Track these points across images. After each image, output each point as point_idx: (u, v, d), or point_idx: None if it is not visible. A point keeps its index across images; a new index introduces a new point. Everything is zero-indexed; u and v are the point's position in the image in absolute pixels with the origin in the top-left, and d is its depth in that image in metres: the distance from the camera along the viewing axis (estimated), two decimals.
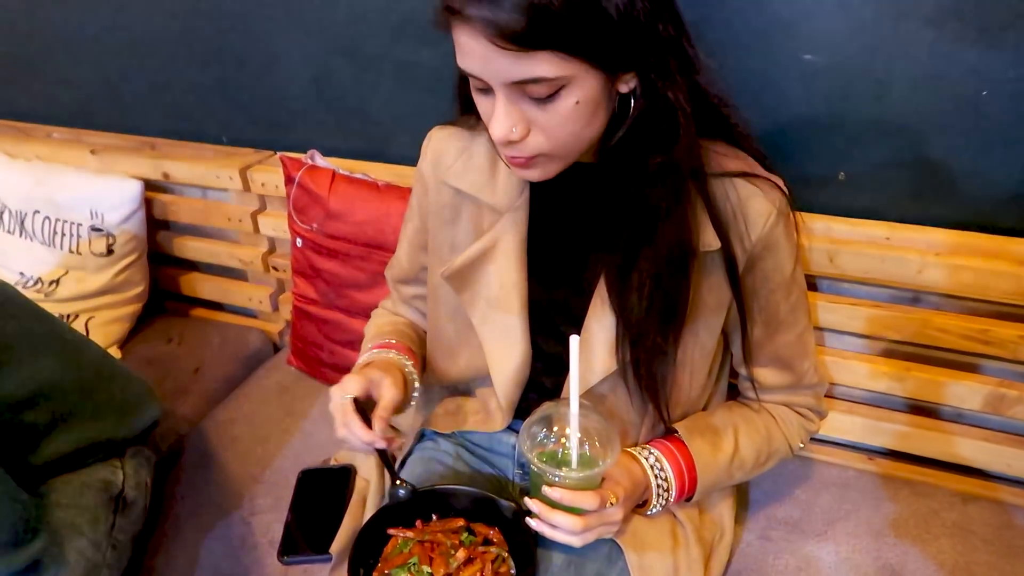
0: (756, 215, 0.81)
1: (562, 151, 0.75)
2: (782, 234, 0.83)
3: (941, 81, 1.03)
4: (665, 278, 0.80)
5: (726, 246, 0.81)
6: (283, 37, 1.43)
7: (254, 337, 1.65)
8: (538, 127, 0.72)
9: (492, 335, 0.92)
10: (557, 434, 0.84)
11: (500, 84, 0.69)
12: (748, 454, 0.93)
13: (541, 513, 0.81)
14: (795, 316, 0.90)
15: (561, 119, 0.71)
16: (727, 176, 0.81)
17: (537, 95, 0.69)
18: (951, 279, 1.06)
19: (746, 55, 1.09)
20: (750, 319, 0.88)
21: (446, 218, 0.94)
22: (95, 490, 1.06)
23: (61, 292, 1.60)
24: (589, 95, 0.70)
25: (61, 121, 1.78)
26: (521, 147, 0.74)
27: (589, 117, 0.72)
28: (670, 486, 0.89)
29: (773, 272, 0.85)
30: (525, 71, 0.67)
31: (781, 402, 0.97)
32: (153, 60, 1.59)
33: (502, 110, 0.71)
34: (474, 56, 0.68)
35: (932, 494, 1.16)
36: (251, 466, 1.28)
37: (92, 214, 1.57)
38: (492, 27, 0.64)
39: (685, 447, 0.90)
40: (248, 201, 1.55)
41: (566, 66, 0.67)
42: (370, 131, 1.46)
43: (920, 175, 1.10)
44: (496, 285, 0.90)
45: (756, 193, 0.81)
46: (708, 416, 0.95)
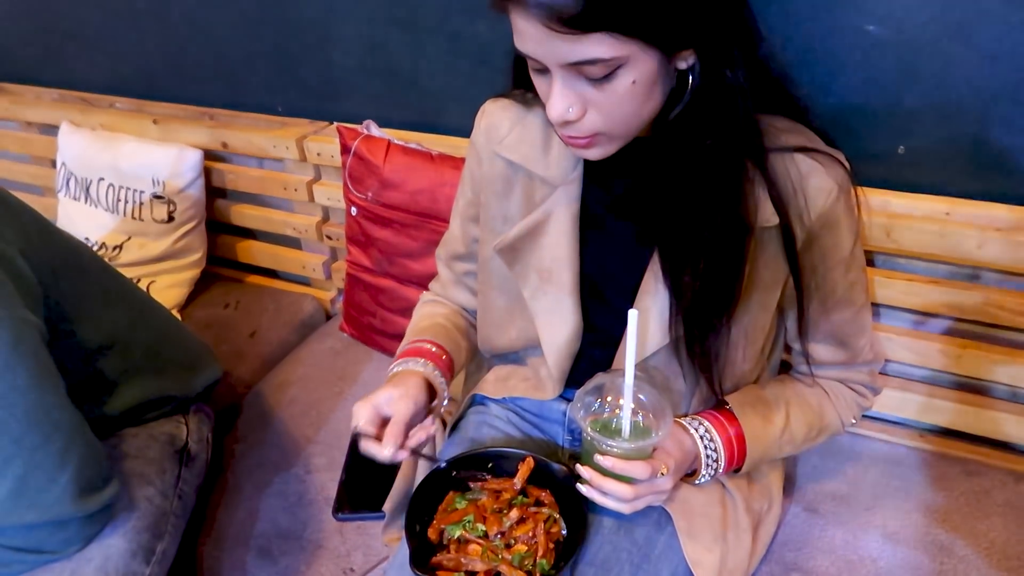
0: (816, 191, 0.80)
1: (620, 130, 0.75)
2: (843, 211, 0.82)
3: (1008, 57, 1.00)
4: (719, 255, 0.80)
5: (785, 222, 0.80)
6: (338, 9, 1.45)
7: (307, 304, 1.69)
8: (595, 107, 0.72)
9: (543, 308, 0.93)
10: (611, 404, 0.85)
11: (556, 65, 0.70)
12: (799, 428, 0.93)
13: (593, 480, 0.82)
14: (853, 293, 0.89)
15: (618, 99, 0.71)
16: (787, 151, 0.80)
17: (593, 76, 0.69)
18: (1012, 255, 1.04)
19: (809, 25, 1.08)
20: (807, 296, 0.87)
21: (498, 190, 0.94)
22: (161, 443, 1.11)
23: (124, 257, 1.66)
24: (646, 74, 0.70)
25: (124, 92, 1.83)
26: (578, 127, 0.74)
27: (646, 96, 0.72)
28: (719, 457, 0.89)
29: (833, 249, 0.84)
30: (581, 53, 0.67)
31: (835, 378, 0.97)
32: (212, 33, 1.62)
33: (559, 91, 0.71)
34: (530, 38, 0.69)
35: (984, 473, 1.15)
36: (306, 427, 1.32)
37: (154, 182, 1.62)
38: (547, 10, 0.64)
39: (735, 419, 0.90)
40: (303, 171, 1.58)
41: (622, 47, 0.66)
42: (424, 102, 1.48)
43: (982, 151, 1.08)
44: (548, 258, 0.91)
45: (817, 168, 0.80)
46: (760, 389, 0.95)
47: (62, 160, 1.75)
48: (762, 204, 0.79)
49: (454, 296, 1.11)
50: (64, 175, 1.75)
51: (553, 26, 0.65)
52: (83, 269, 1.05)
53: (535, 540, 0.87)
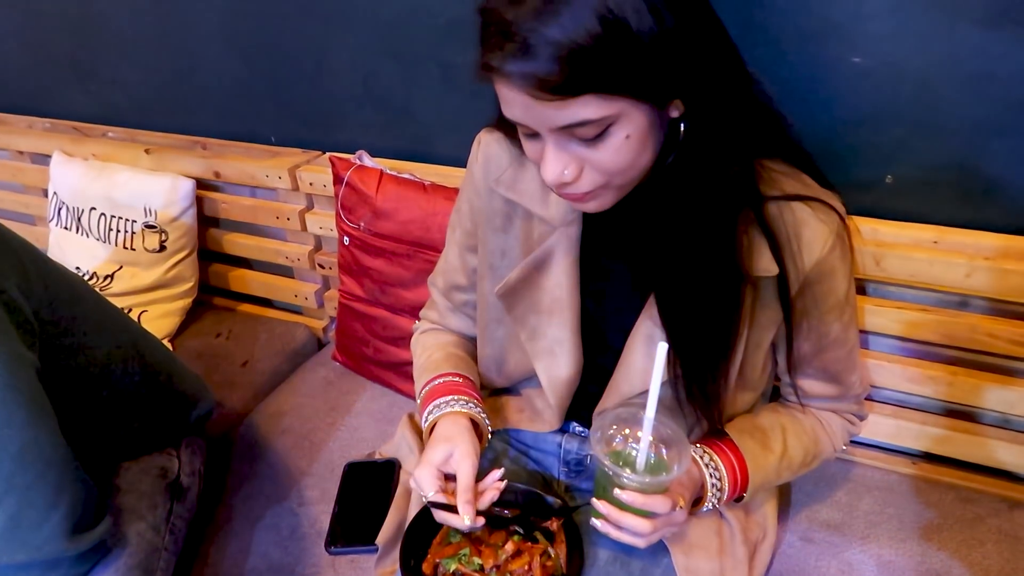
0: (811, 240, 0.80)
1: (618, 181, 0.74)
2: (838, 258, 0.82)
3: (991, 84, 1.02)
4: (714, 303, 0.79)
5: (783, 272, 0.80)
6: (331, 39, 1.46)
7: (300, 333, 1.69)
8: (591, 165, 0.71)
9: (542, 348, 0.92)
10: (628, 436, 0.84)
11: (547, 130, 0.69)
12: (796, 454, 0.94)
13: (610, 515, 0.81)
14: (846, 335, 0.89)
15: (613, 154, 0.70)
16: (784, 199, 0.80)
17: (586, 136, 0.68)
18: (1000, 284, 1.05)
19: (795, 57, 1.10)
20: (799, 337, 0.87)
21: (497, 225, 0.94)
22: (153, 476, 1.10)
23: (115, 287, 1.66)
24: (639, 128, 0.69)
25: (117, 121, 1.84)
26: (576, 186, 0.73)
27: (641, 148, 0.71)
28: (724, 486, 0.89)
29: (827, 295, 0.84)
30: (570, 116, 0.66)
31: (826, 408, 0.98)
32: (205, 62, 1.63)
33: (552, 155, 0.70)
34: (517, 106, 0.68)
35: (977, 500, 1.15)
36: (299, 458, 1.31)
37: (146, 211, 1.62)
38: (530, 80, 0.63)
39: (736, 447, 0.90)
40: (296, 200, 1.59)
41: (611, 105, 0.66)
42: (416, 132, 1.49)
43: (968, 179, 1.10)
44: (548, 299, 0.90)
45: (812, 217, 0.80)
46: (755, 417, 0.96)
47: (54, 190, 1.75)
48: (760, 253, 0.79)
49: (453, 324, 1.10)
50: (56, 204, 1.75)
51: (538, 94, 0.64)
52: (78, 302, 1.04)
53: (531, 573, 0.87)
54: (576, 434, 1.01)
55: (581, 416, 0.96)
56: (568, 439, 1.02)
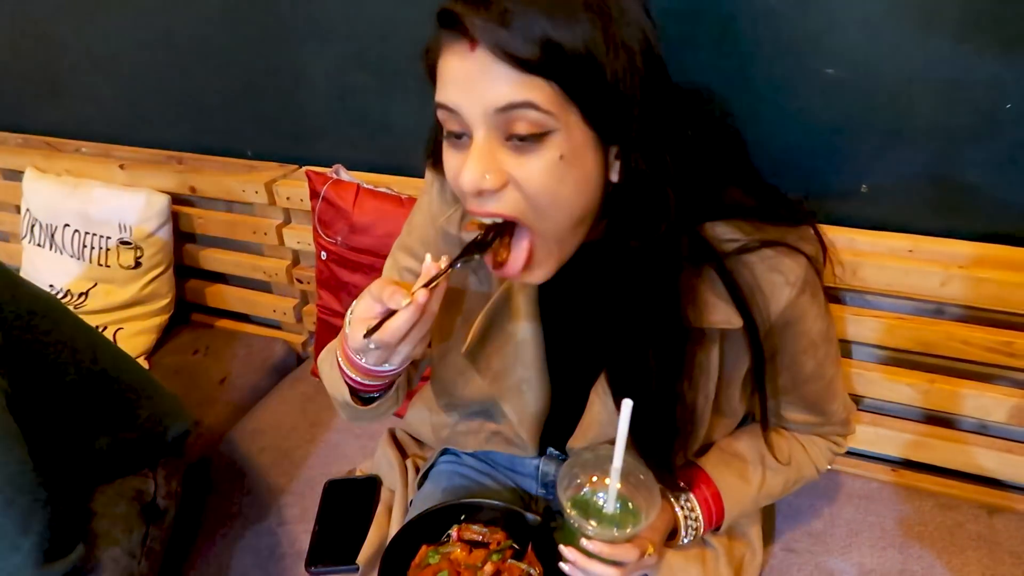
0: (776, 289, 0.76)
1: (547, 224, 0.68)
2: (806, 301, 0.78)
3: (963, 93, 1.03)
4: (663, 358, 0.77)
5: (748, 323, 0.77)
6: (308, 53, 1.45)
7: (278, 348, 1.68)
8: (514, 182, 0.65)
9: (509, 388, 0.89)
10: (597, 483, 0.82)
11: (482, 115, 0.63)
12: (775, 482, 0.92)
13: (577, 562, 0.79)
14: (822, 370, 0.86)
15: (542, 173, 0.64)
16: (746, 251, 0.76)
17: (520, 132, 0.62)
18: (974, 292, 1.06)
19: (769, 69, 1.10)
20: (778, 374, 0.85)
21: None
22: (128, 499, 1.08)
23: (90, 304, 1.64)
24: (575, 152, 0.65)
25: (90, 136, 1.81)
26: (494, 204, 0.66)
27: (572, 181, 0.66)
28: (699, 519, 0.88)
29: (798, 337, 0.82)
30: (517, 93, 0.61)
31: (810, 433, 0.96)
32: (179, 76, 1.61)
33: (476, 153, 0.64)
34: (459, 82, 0.63)
35: (957, 506, 1.16)
36: (278, 476, 1.30)
37: (121, 227, 1.60)
38: (496, 37, 0.60)
39: (711, 481, 0.89)
40: (273, 214, 1.58)
41: (560, 106, 0.62)
42: (394, 145, 1.48)
43: (942, 187, 1.10)
44: (512, 342, 0.87)
45: (776, 267, 0.76)
46: (734, 442, 0.94)
47: (27, 206, 1.72)
48: (716, 307, 0.76)
49: None
50: (28, 221, 1.72)
51: (500, 55, 0.60)
52: (52, 323, 1.03)
53: None
54: (554, 456, 1.00)
55: (557, 443, 0.95)
56: (546, 461, 1.00)
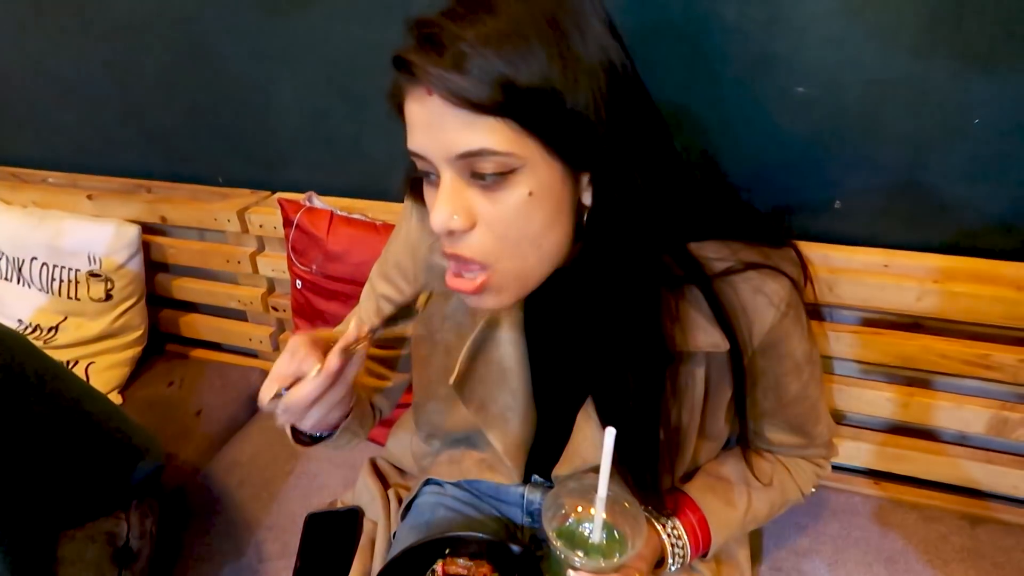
0: (760, 311, 0.77)
1: (511, 264, 0.67)
2: (790, 323, 0.78)
3: (929, 109, 1.04)
4: (648, 382, 0.77)
5: (733, 347, 0.77)
6: (277, 79, 1.44)
7: (255, 377, 1.65)
8: (484, 222, 0.64)
9: (493, 416, 0.88)
10: (582, 512, 0.80)
11: (445, 160, 0.63)
12: (761, 506, 0.92)
13: None
14: (806, 392, 0.86)
15: (510, 212, 0.63)
16: (729, 273, 0.76)
17: (484, 172, 0.62)
18: (949, 305, 1.06)
19: (740, 89, 1.11)
20: (763, 396, 0.85)
21: (436, 289, 0.87)
22: (100, 544, 1.06)
23: (60, 338, 1.60)
24: (545, 188, 0.64)
25: (56, 166, 1.78)
26: (467, 244, 0.66)
27: (544, 218, 0.65)
28: (685, 546, 0.87)
29: (783, 358, 0.82)
30: (471, 140, 0.60)
31: (794, 455, 0.96)
32: (147, 103, 1.59)
33: (444, 194, 0.63)
34: (423, 126, 0.63)
35: (940, 518, 1.16)
36: (257, 511, 1.27)
37: (90, 259, 1.57)
38: (443, 82, 0.59)
39: (697, 507, 0.88)
40: (246, 242, 1.55)
41: (519, 143, 0.61)
42: (366, 169, 1.47)
43: (913, 201, 1.11)
44: (496, 370, 0.87)
45: (760, 290, 0.76)
46: (719, 466, 0.93)
47: None
48: (701, 328, 0.76)
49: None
50: None
51: (452, 100, 0.59)
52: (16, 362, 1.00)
53: None
54: (539, 484, 0.99)
55: (542, 470, 0.94)
56: (531, 489, 0.99)
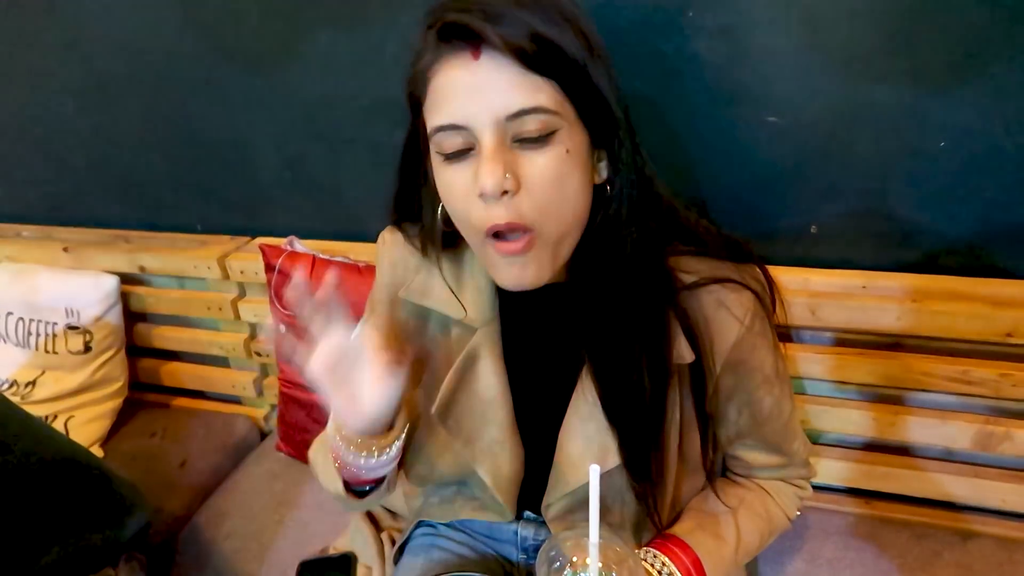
0: (726, 324, 0.78)
1: (553, 225, 0.70)
2: (757, 335, 0.80)
3: (896, 135, 1.07)
4: (640, 391, 0.77)
5: (699, 359, 0.78)
6: (253, 124, 1.44)
7: (240, 424, 1.63)
8: (526, 185, 0.68)
9: (481, 451, 0.88)
10: (577, 563, 0.78)
11: (492, 122, 0.66)
12: (751, 538, 0.91)
13: None
14: (780, 408, 0.87)
15: (552, 171, 0.68)
16: (695, 286, 0.78)
17: (531, 134, 0.66)
18: (928, 323, 1.08)
19: (714, 119, 1.13)
20: (737, 415, 0.86)
21: (411, 330, 0.90)
22: None
23: (38, 393, 1.57)
24: (577, 150, 0.69)
25: (29, 219, 1.76)
26: (512, 210, 0.68)
27: (578, 180, 0.70)
28: None
29: (753, 372, 0.83)
30: (527, 99, 0.65)
31: (774, 478, 0.96)
32: (122, 154, 1.59)
33: (491, 157, 0.66)
34: (468, 92, 0.66)
35: (932, 535, 1.17)
36: (248, 562, 1.25)
37: (68, 312, 1.55)
38: (502, 43, 0.63)
39: (688, 547, 0.87)
40: (227, 288, 1.55)
41: (561, 104, 0.67)
42: (346, 212, 1.48)
43: (885, 224, 1.14)
44: (480, 403, 0.87)
45: (725, 299, 0.78)
46: (703, 501, 0.93)
47: None
48: (677, 341, 0.78)
49: None
50: None
51: (509, 57, 0.64)
52: None
53: None
54: (531, 520, 0.99)
55: (533, 505, 0.93)
56: (523, 526, 0.99)
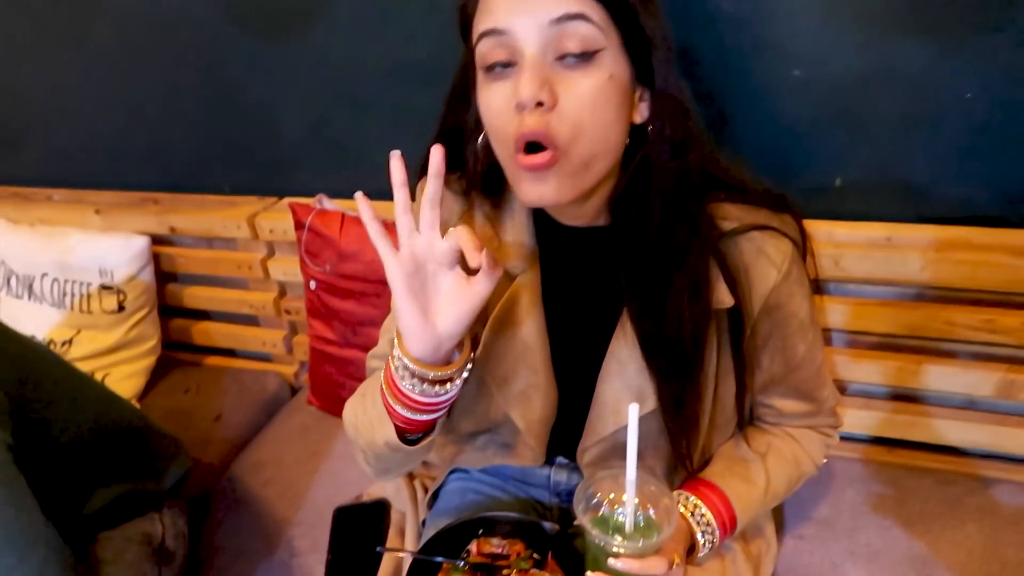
0: (764, 270, 0.79)
1: (582, 148, 0.70)
2: (794, 282, 0.81)
3: (921, 87, 1.08)
4: (680, 334, 0.78)
5: (736, 304, 0.79)
6: (279, 88, 1.46)
7: (270, 380, 1.67)
8: (563, 104, 0.68)
9: (516, 394, 0.89)
10: (613, 500, 0.81)
11: (536, 29, 0.67)
12: (779, 482, 0.93)
13: None
14: (812, 354, 0.88)
15: (590, 94, 0.68)
16: (735, 233, 0.79)
17: (572, 50, 0.67)
18: (952, 274, 1.10)
19: (738, 74, 1.14)
20: (770, 361, 0.87)
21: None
22: (137, 544, 1.07)
23: (75, 352, 1.61)
24: (620, 78, 0.70)
25: (60, 183, 1.79)
26: (544, 122, 0.68)
27: (615, 109, 0.71)
28: (714, 530, 0.88)
29: (789, 319, 0.84)
30: (572, 5, 0.66)
31: (802, 426, 0.97)
32: (149, 116, 1.61)
33: (532, 68, 0.67)
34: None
35: (954, 481, 1.20)
36: (284, 509, 1.29)
37: (101, 272, 1.59)
38: None
39: (719, 489, 0.89)
40: (256, 248, 1.58)
41: (608, 27, 0.68)
42: (372, 172, 1.47)
43: (910, 175, 1.15)
44: (518, 347, 0.87)
45: (764, 246, 0.79)
46: (733, 448, 0.95)
47: (1, 258, 1.70)
48: (717, 286, 0.79)
49: None
50: (4, 273, 1.70)
51: None
52: (47, 372, 1.02)
53: None
54: (564, 465, 1.01)
55: (566, 451, 0.95)
56: (556, 471, 1.01)
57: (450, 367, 0.75)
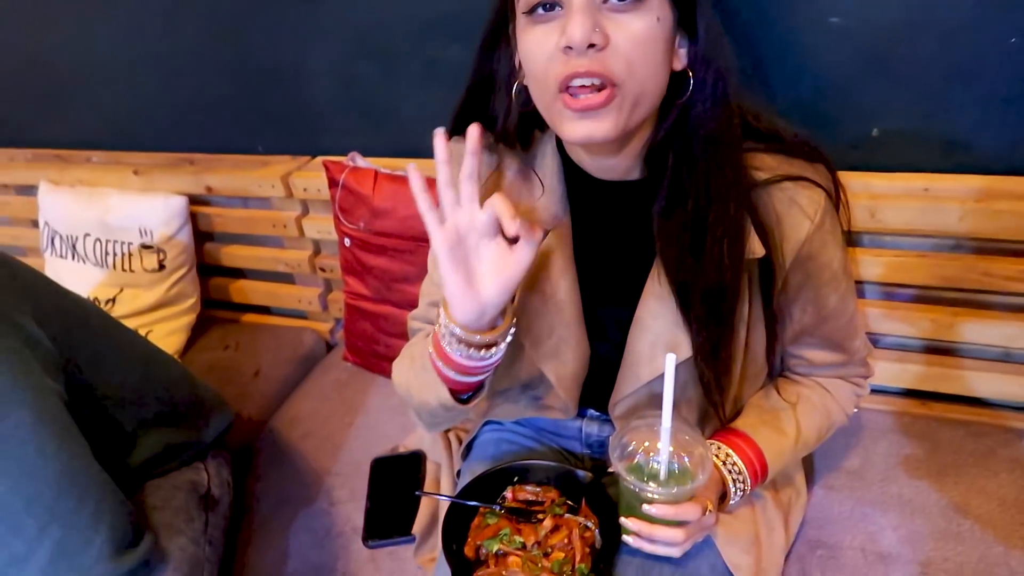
0: (798, 220, 0.80)
1: (635, 84, 0.70)
2: (827, 232, 0.82)
3: (963, 34, 1.05)
4: (713, 283, 0.79)
5: (768, 255, 0.79)
6: (309, 45, 1.46)
7: (307, 337, 1.71)
8: (613, 44, 0.68)
9: (548, 350, 0.90)
10: (648, 448, 0.83)
11: None
12: (810, 432, 0.94)
13: (641, 531, 0.81)
14: (844, 305, 0.89)
15: (639, 35, 0.69)
16: (768, 183, 0.79)
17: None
18: (991, 224, 1.08)
19: (774, 22, 1.12)
20: (802, 312, 0.87)
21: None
22: (185, 491, 1.12)
23: (118, 310, 1.66)
24: (665, 22, 0.70)
25: (98, 145, 1.82)
26: (597, 62, 0.68)
27: (662, 51, 0.71)
28: (745, 479, 0.89)
29: (821, 269, 0.84)
30: None
31: (833, 376, 0.98)
32: (183, 78, 1.63)
33: (582, 10, 0.67)
34: None
35: (988, 433, 1.19)
36: (323, 460, 1.33)
37: (141, 232, 1.63)
38: None
39: (751, 439, 0.90)
40: (291, 207, 1.60)
41: None
42: (403, 129, 1.50)
43: (950, 125, 1.12)
44: (550, 303, 0.88)
45: (797, 196, 0.79)
46: (764, 399, 0.96)
47: (44, 220, 1.75)
48: (749, 236, 0.79)
49: None
50: (48, 234, 1.74)
51: None
52: (93, 326, 1.06)
53: (571, 546, 0.89)
54: (595, 418, 1.02)
55: (596, 403, 0.96)
56: (588, 423, 1.03)
57: (494, 331, 0.77)
